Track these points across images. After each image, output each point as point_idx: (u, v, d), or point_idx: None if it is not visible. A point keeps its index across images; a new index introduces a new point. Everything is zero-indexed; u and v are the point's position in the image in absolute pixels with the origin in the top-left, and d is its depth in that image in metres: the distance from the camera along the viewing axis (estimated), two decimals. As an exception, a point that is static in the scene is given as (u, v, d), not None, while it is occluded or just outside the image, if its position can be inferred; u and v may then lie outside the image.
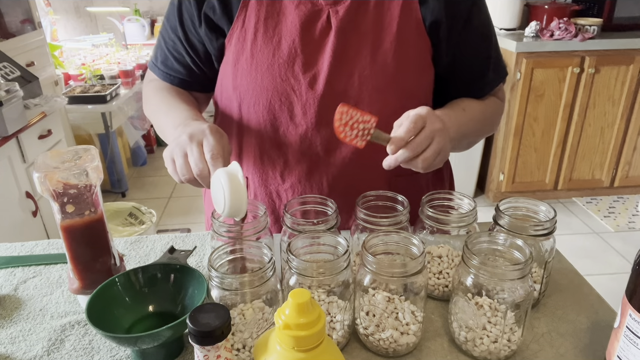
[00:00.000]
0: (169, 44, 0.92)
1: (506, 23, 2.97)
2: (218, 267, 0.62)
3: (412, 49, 0.83)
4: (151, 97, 0.95)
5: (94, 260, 0.73)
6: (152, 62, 0.97)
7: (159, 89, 0.94)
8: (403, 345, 0.64)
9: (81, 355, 0.67)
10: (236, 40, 0.85)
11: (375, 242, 0.65)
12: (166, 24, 0.92)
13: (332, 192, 0.89)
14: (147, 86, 0.99)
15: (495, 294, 0.62)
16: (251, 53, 0.84)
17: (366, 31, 0.82)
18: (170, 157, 0.73)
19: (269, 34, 0.83)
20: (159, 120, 0.91)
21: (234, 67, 0.86)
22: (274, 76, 0.83)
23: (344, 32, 0.82)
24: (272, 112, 0.85)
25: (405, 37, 0.83)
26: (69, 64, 3.32)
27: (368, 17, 0.82)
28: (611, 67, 2.76)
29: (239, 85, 0.86)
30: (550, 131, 2.91)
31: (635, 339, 0.54)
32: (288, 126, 0.85)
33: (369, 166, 0.87)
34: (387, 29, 0.82)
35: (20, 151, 2.19)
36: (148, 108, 0.97)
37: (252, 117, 0.87)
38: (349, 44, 0.82)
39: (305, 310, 0.46)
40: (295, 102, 0.84)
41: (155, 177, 3.59)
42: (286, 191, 0.91)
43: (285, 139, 0.87)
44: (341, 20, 0.82)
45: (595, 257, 2.63)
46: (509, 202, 0.74)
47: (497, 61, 0.92)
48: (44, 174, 0.65)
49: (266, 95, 0.84)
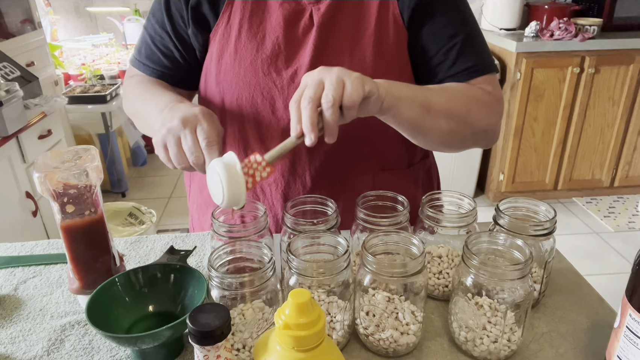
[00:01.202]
0: (155, 39, 0.92)
1: (506, 23, 2.97)
2: (218, 267, 0.62)
3: (390, 45, 0.84)
4: (133, 90, 0.93)
5: (94, 260, 0.73)
6: (134, 58, 0.96)
7: (141, 82, 0.93)
8: (403, 345, 0.64)
9: (81, 355, 0.67)
10: (220, 36, 0.86)
11: (375, 242, 0.65)
12: (152, 19, 0.92)
13: (315, 186, 0.89)
14: (128, 81, 0.96)
15: (495, 294, 0.62)
16: (235, 49, 0.85)
17: (346, 28, 0.84)
18: (162, 144, 0.71)
19: (254, 30, 0.84)
20: (141, 109, 0.88)
21: (217, 63, 0.87)
22: (256, 71, 0.84)
23: (324, 29, 0.83)
24: (255, 107, 0.86)
25: (383, 33, 0.84)
26: (69, 64, 3.32)
27: (348, 14, 0.84)
28: (611, 67, 2.76)
29: (222, 81, 0.87)
30: (550, 131, 2.91)
31: (635, 339, 0.54)
32: (270, 120, 0.86)
33: (352, 161, 0.87)
34: (365, 25, 0.84)
35: (20, 151, 2.19)
36: (129, 102, 0.94)
37: (235, 111, 0.87)
38: (329, 40, 0.84)
39: (305, 310, 0.46)
40: (277, 96, 0.84)
41: (155, 177, 3.59)
42: (270, 186, 0.91)
43: (268, 134, 0.87)
44: (322, 17, 0.83)
45: (595, 257, 2.63)
46: (509, 202, 0.74)
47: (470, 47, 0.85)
48: (44, 174, 0.65)
49: (249, 90, 0.85)
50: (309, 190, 0.89)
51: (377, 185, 0.83)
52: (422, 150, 0.99)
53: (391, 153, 0.93)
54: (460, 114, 0.81)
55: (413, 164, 0.97)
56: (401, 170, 0.95)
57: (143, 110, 0.87)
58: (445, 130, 0.81)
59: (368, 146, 0.89)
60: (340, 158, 0.88)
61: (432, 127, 0.80)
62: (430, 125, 0.79)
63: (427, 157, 1.02)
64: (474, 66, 0.85)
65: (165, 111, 0.74)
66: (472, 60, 0.85)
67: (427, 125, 0.79)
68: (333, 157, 0.88)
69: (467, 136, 0.85)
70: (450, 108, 0.80)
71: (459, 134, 0.83)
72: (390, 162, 0.93)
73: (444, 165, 3.01)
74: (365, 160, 0.90)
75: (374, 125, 0.80)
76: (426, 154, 1.02)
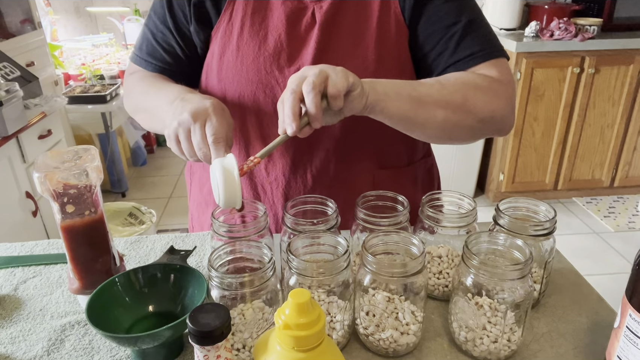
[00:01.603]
0: (157, 36, 0.92)
1: (506, 23, 2.97)
2: (218, 267, 0.62)
3: (391, 43, 0.84)
4: (135, 85, 0.92)
5: (94, 260, 0.73)
6: (135, 55, 0.95)
7: (144, 77, 0.92)
8: (403, 345, 0.64)
9: (81, 355, 0.67)
10: (222, 33, 0.86)
11: (375, 242, 0.65)
12: (153, 16, 0.92)
13: (316, 185, 0.89)
14: (130, 78, 0.96)
15: (495, 294, 0.62)
16: (237, 46, 0.85)
17: (348, 26, 0.84)
18: (174, 137, 0.71)
19: (256, 28, 0.85)
20: (147, 103, 0.87)
21: (219, 60, 0.87)
22: (258, 69, 0.84)
23: (327, 27, 0.83)
24: (257, 104, 0.86)
25: (385, 31, 0.84)
26: (69, 64, 3.32)
27: (350, 12, 0.84)
28: (611, 67, 2.76)
29: (223, 78, 0.87)
30: (550, 131, 2.91)
31: (635, 339, 0.54)
32: (272, 118, 0.86)
33: (352, 160, 0.88)
34: (366, 24, 0.84)
35: (20, 151, 2.19)
36: (132, 98, 0.94)
37: (237, 109, 0.87)
38: (331, 39, 0.84)
39: (305, 310, 0.46)
40: (279, 94, 0.84)
41: (155, 177, 3.59)
42: (271, 184, 0.91)
43: (269, 131, 0.87)
44: (324, 15, 0.83)
45: (595, 257, 2.63)
46: (509, 202, 0.74)
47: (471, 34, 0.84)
48: (44, 174, 0.65)
49: (251, 88, 0.85)
50: (310, 189, 0.89)
51: (377, 183, 0.83)
52: (423, 149, 0.99)
53: (391, 151, 0.93)
54: (457, 102, 0.79)
55: (413, 162, 0.97)
56: (401, 169, 0.95)
57: (150, 104, 0.86)
58: (442, 120, 0.79)
59: (368, 144, 0.90)
60: (341, 156, 0.89)
61: (427, 118, 0.78)
62: (424, 117, 0.78)
63: (429, 155, 1.02)
64: (476, 53, 0.83)
65: (177, 102, 0.74)
66: (473, 47, 0.83)
67: (420, 118, 0.78)
68: (334, 155, 0.88)
69: (471, 125, 0.82)
70: (445, 98, 0.78)
71: (459, 123, 0.81)
72: (390, 160, 0.93)
73: (444, 165, 3.01)
74: (366, 158, 0.90)
75: (374, 123, 0.80)
76: (427, 153, 1.01)
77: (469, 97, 0.80)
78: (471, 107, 0.80)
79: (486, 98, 0.82)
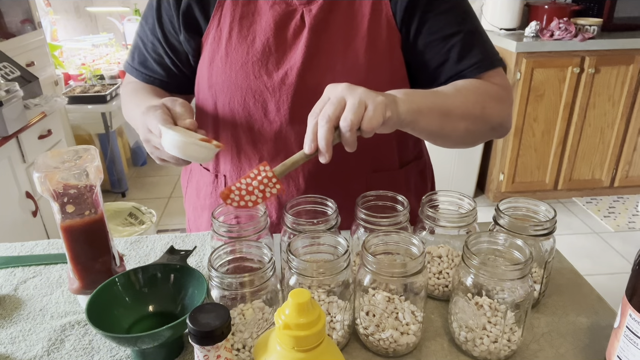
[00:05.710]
0: (147, 46, 0.93)
1: (506, 23, 2.97)
2: (218, 267, 0.62)
3: (383, 46, 0.84)
4: (125, 97, 0.95)
5: (94, 260, 0.73)
6: (128, 64, 0.97)
7: (134, 90, 0.94)
8: (403, 345, 0.64)
9: (81, 355, 0.67)
10: (212, 39, 0.86)
11: (375, 242, 0.65)
12: (144, 25, 0.92)
13: (308, 188, 0.89)
14: (125, 88, 0.98)
15: (495, 294, 0.62)
16: (226, 52, 0.85)
17: (338, 29, 0.83)
18: (148, 150, 0.79)
19: (244, 33, 0.84)
20: (131, 116, 0.91)
21: (209, 66, 0.87)
22: (247, 74, 0.84)
23: (316, 30, 0.83)
24: (247, 110, 0.86)
25: (376, 35, 0.83)
26: (69, 64, 3.32)
27: (340, 15, 0.84)
28: (611, 67, 2.76)
29: (214, 84, 0.87)
30: (550, 131, 2.91)
31: (635, 339, 0.54)
32: (263, 123, 0.86)
33: (344, 163, 0.87)
34: (357, 27, 0.83)
35: (20, 151, 2.19)
36: (124, 109, 0.97)
37: (228, 115, 0.88)
38: (321, 42, 0.83)
39: (305, 310, 0.46)
40: (268, 99, 0.84)
41: (155, 177, 3.59)
42: None
43: (261, 136, 0.87)
44: (314, 18, 0.83)
45: (595, 257, 2.63)
46: (509, 202, 0.74)
47: (474, 43, 0.85)
48: (44, 174, 0.65)
49: (240, 93, 0.85)
50: (303, 193, 0.89)
51: (370, 187, 0.83)
52: (414, 152, 1.00)
53: (383, 155, 0.92)
54: (477, 113, 0.81)
55: (405, 165, 0.97)
56: (393, 172, 0.95)
57: (132, 118, 0.90)
58: (463, 131, 0.81)
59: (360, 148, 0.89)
60: (333, 160, 0.88)
61: (451, 130, 0.80)
62: (448, 130, 0.79)
63: (420, 158, 1.02)
64: (479, 62, 0.85)
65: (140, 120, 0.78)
66: (477, 56, 0.85)
67: (445, 131, 0.79)
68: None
69: (485, 132, 0.86)
70: (467, 109, 0.80)
71: (476, 132, 0.84)
72: (382, 163, 0.93)
73: (444, 165, 3.02)
74: (358, 162, 0.90)
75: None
76: (419, 155, 1.01)
77: (486, 107, 0.82)
78: (487, 117, 0.83)
79: (498, 106, 0.85)
